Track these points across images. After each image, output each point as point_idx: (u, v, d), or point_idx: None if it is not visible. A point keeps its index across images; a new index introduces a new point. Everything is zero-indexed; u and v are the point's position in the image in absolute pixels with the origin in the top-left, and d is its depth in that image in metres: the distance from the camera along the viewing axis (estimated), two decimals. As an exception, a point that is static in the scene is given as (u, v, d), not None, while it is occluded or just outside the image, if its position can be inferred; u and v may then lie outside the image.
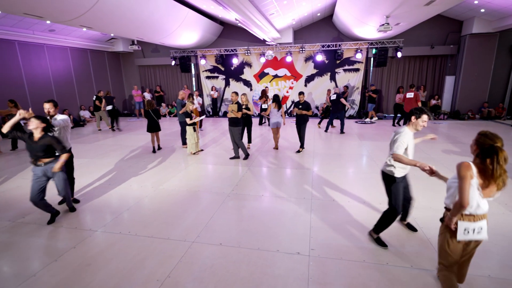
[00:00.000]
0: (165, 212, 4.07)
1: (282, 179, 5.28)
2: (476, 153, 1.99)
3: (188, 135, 6.83)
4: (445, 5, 7.14)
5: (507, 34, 10.68)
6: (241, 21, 7.61)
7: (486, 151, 1.90)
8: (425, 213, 3.83)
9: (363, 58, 11.86)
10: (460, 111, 11.43)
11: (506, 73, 11.20)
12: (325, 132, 9.40)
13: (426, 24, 10.72)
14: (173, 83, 14.52)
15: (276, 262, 2.94)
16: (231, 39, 13.15)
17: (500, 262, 2.86)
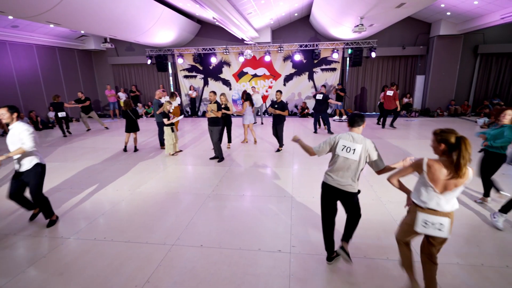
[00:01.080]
0: (143, 216, 3.95)
1: (263, 178, 5.30)
2: (444, 150, 2.05)
3: (166, 136, 6.67)
4: (414, 8, 7.49)
5: (470, 36, 11.42)
6: (219, 19, 7.54)
7: (456, 143, 1.97)
8: (399, 207, 3.99)
9: (339, 58, 12.17)
10: (430, 108, 12.05)
11: (470, 73, 11.96)
12: (314, 133, 9.09)
13: (397, 25, 11.20)
14: (150, 82, 14.10)
15: (258, 261, 2.94)
16: (209, 38, 12.99)
17: (466, 250, 3.04)
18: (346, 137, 2.56)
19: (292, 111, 13.12)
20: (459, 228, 3.41)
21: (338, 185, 2.59)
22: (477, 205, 4.03)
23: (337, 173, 2.61)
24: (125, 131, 7.13)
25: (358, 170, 2.56)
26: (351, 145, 2.51)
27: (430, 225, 2.08)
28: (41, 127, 10.70)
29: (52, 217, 3.76)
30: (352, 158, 2.51)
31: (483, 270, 2.72)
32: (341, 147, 2.55)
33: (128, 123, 7.08)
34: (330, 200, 2.72)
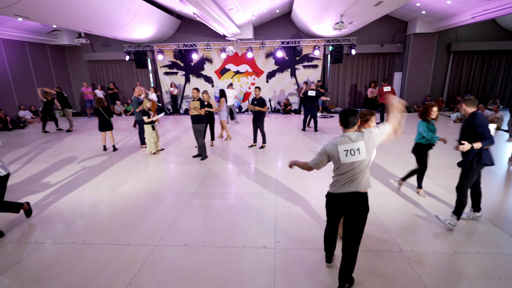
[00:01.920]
0: (124, 217, 3.83)
1: (247, 175, 5.29)
2: None
3: (146, 134, 6.50)
4: (392, 6, 7.69)
5: (444, 34, 11.92)
6: (200, 15, 7.39)
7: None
8: (379, 199, 4.12)
9: (320, 55, 12.33)
10: (408, 104, 12.50)
11: (444, 69, 12.51)
12: (302, 130, 9.01)
13: (376, 23, 11.49)
14: (128, 79, 13.66)
15: (243, 258, 2.94)
16: (189, 33, 12.75)
17: (440, 238, 3.19)
18: (344, 140, 2.24)
19: (275, 107, 13.18)
20: (435, 219, 3.57)
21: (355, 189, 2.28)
22: (449, 197, 4.23)
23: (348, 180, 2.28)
24: (99, 129, 6.88)
25: (369, 165, 2.33)
26: (353, 146, 2.22)
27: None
28: (11, 127, 10.10)
29: (23, 208, 3.67)
30: (360, 158, 2.22)
31: (457, 256, 2.87)
32: (343, 153, 2.23)
33: (101, 122, 6.82)
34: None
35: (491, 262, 2.77)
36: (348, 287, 2.49)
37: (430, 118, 3.98)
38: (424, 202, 4.03)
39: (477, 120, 2.99)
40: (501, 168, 5.32)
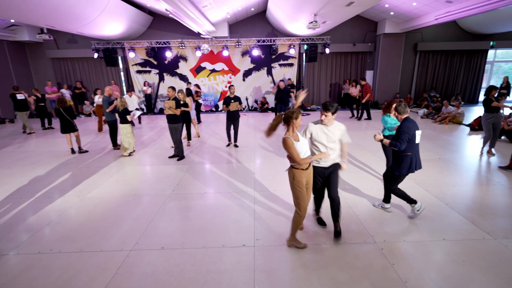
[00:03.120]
0: (96, 222, 3.65)
1: (225, 175, 5.25)
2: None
3: (126, 134, 6.21)
4: (363, 7, 7.98)
5: (411, 35, 12.57)
6: (172, 12, 7.20)
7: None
8: (354, 193, 4.27)
9: (296, 54, 12.51)
10: (379, 101, 13.04)
11: (411, 68, 13.20)
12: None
13: (348, 23, 11.86)
14: (98, 78, 13.01)
15: (222, 257, 2.91)
16: (162, 31, 12.38)
17: (409, 229, 3.36)
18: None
19: (252, 106, 13.20)
20: (403, 210, 3.76)
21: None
22: (419, 190, 4.48)
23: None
24: (61, 132, 6.50)
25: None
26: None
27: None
28: (-35, 130, 9.24)
29: None
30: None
31: (425, 244, 3.04)
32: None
33: (63, 123, 6.44)
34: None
35: (455, 248, 2.97)
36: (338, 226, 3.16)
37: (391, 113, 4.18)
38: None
39: (403, 124, 3.23)
40: (463, 160, 5.71)
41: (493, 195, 4.16)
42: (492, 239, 3.09)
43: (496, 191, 4.27)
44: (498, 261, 2.75)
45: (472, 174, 4.96)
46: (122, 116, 6.14)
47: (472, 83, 13.37)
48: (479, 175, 4.94)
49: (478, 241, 3.07)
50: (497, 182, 4.59)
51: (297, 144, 2.72)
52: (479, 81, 13.35)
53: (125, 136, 6.23)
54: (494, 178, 4.76)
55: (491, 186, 4.46)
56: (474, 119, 8.69)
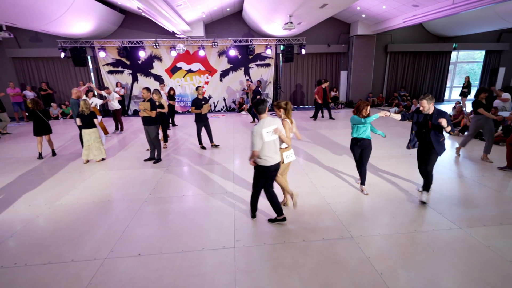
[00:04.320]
0: (66, 231, 3.45)
1: (204, 177, 5.17)
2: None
3: (96, 139, 5.87)
4: (336, 9, 8.21)
5: (382, 37, 13.13)
6: (145, 10, 6.98)
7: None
8: (332, 190, 4.38)
9: (273, 54, 12.61)
10: (353, 100, 13.49)
11: (382, 68, 13.78)
12: (251, 123, 10.11)
13: (323, 25, 12.16)
14: (65, 79, 12.30)
15: (202, 261, 2.86)
16: (135, 29, 11.96)
17: (385, 222, 3.51)
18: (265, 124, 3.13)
19: (230, 106, 13.13)
20: (380, 204, 3.92)
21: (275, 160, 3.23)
22: (391, 186, 4.68)
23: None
24: (34, 134, 6.12)
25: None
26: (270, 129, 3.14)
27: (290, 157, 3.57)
28: None
29: None
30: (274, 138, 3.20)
31: (399, 237, 3.18)
32: (266, 134, 3.10)
33: (38, 125, 6.09)
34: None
35: (425, 238, 3.13)
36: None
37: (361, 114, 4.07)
38: (370, 190, 4.38)
39: (446, 113, 3.66)
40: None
41: (459, 187, 4.45)
42: (458, 229, 3.30)
43: (461, 184, 4.57)
44: (463, 249, 2.94)
45: (439, 169, 5.26)
46: (88, 120, 5.75)
47: (438, 82, 14.22)
48: (446, 169, 5.26)
49: (446, 231, 3.27)
50: (462, 175, 4.91)
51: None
52: (444, 81, 14.23)
53: (94, 141, 5.87)
54: (460, 171, 5.09)
55: (458, 179, 4.77)
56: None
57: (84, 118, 5.73)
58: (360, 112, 3.99)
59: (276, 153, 3.23)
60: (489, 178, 4.71)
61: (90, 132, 5.82)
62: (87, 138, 5.81)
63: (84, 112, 5.71)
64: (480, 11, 10.13)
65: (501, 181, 4.60)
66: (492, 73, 14.13)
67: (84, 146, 5.87)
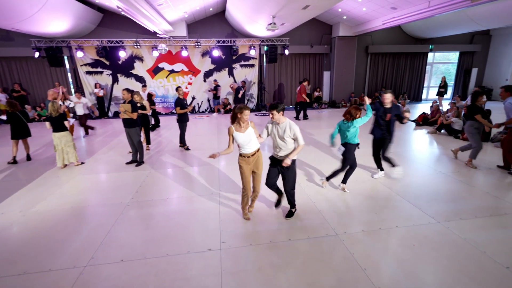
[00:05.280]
0: (43, 239, 3.29)
1: (188, 178, 5.10)
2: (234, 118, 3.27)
3: (67, 143, 5.61)
4: (318, 10, 8.33)
5: (362, 38, 13.46)
6: (125, 9, 6.79)
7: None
8: (317, 189, 4.43)
9: (256, 55, 12.63)
10: (336, 100, 13.75)
11: (364, 69, 14.14)
12: None
13: (306, 26, 12.32)
14: (40, 80, 11.78)
15: (188, 264, 2.82)
16: (115, 29, 11.63)
17: (367, 218, 3.59)
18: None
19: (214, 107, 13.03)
20: (363, 202, 4.01)
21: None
22: (373, 182, 4.80)
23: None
24: (12, 138, 5.83)
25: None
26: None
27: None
28: None
29: None
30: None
31: (381, 232, 3.27)
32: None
33: (17, 128, 5.81)
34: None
35: (406, 233, 3.23)
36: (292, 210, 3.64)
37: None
38: (354, 188, 4.47)
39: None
40: (410, 153, 6.27)
41: (437, 183, 4.63)
42: (436, 223, 3.43)
43: (439, 180, 4.75)
44: (442, 242, 3.06)
45: (418, 166, 5.45)
46: (58, 123, 5.46)
47: (416, 82, 14.76)
48: (424, 166, 5.45)
49: (425, 225, 3.39)
50: (439, 171, 5.11)
51: (238, 134, 3.26)
52: (421, 81, 14.79)
53: (65, 146, 5.58)
54: (437, 168, 5.30)
55: (435, 175, 4.96)
56: (418, 115, 9.60)
57: (52, 121, 5.42)
58: (354, 117, 4.01)
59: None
60: (464, 174, 4.93)
61: (60, 136, 5.51)
62: (57, 142, 5.50)
63: (51, 115, 5.40)
64: (453, 14, 10.64)
65: (476, 177, 4.83)
66: (466, 74, 14.84)
67: (56, 151, 5.57)
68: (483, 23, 10.77)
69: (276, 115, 3.21)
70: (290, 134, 3.22)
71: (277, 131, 3.30)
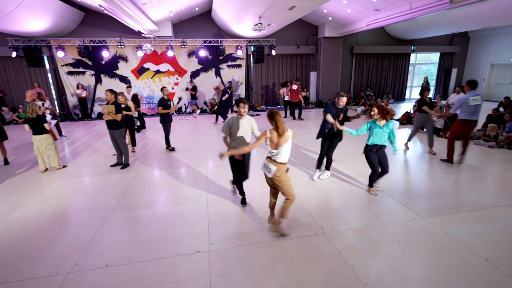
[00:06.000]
0: (23, 247, 3.16)
1: (176, 180, 5.02)
2: (270, 121, 3.03)
3: (47, 146, 5.41)
4: (304, 11, 8.41)
5: (348, 39, 13.70)
6: (107, 8, 6.62)
7: (271, 115, 3.01)
8: (304, 188, 4.47)
9: (243, 55, 12.61)
10: (323, 100, 13.92)
11: (349, 69, 14.38)
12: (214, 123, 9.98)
13: (292, 26, 12.40)
14: (18, 80, 11.29)
15: (176, 267, 2.77)
16: (97, 28, 11.32)
17: (355, 216, 3.65)
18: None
19: (202, 108, 12.92)
20: (350, 200, 4.07)
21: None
22: (359, 181, 4.89)
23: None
24: None
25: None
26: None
27: (265, 167, 3.09)
28: None
29: None
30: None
31: (367, 229, 3.33)
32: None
33: None
34: None
35: (391, 230, 3.31)
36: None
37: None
38: (341, 187, 4.54)
39: None
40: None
41: (419, 180, 4.76)
42: (420, 219, 3.53)
43: (422, 177, 4.90)
44: (425, 237, 3.15)
45: (402, 164, 5.60)
46: (37, 125, 5.23)
47: (399, 82, 15.15)
48: (407, 163, 5.60)
49: (409, 221, 3.48)
50: (422, 168, 5.27)
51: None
52: (405, 81, 15.19)
53: (46, 149, 5.36)
54: (420, 165, 5.46)
55: (418, 172, 5.10)
56: (402, 114, 9.85)
57: (31, 123, 5.20)
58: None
59: None
60: (445, 171, 5.10)
61: (40, 139, 5.29)
62: (37, 145, 5.29)
63: (28, 117, 5.16)
64: (434, 17, 11.00)
65: (457, 173, 5.01)
66: (446, 74, 15.36)
67: (37, 154, 5.35)
68: (461, 25, 11.19)
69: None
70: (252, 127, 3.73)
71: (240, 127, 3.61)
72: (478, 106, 5.01)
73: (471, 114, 5.07)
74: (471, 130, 5.26)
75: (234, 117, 3.63)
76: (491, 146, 6.45)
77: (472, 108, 5.03)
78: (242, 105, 3.51)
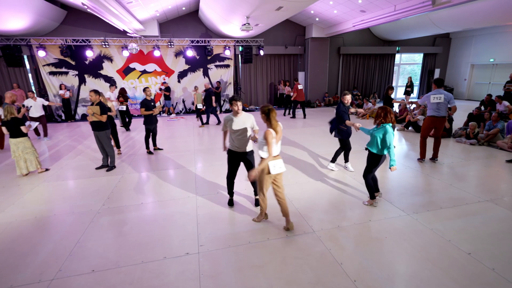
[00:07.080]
0: (3, 254, 3.03)
1: (164, 182, 4.95)
2: (265, 118, 3.09)
3: (25, 150, 5.18)
4: (291, 12, 8.46)
5: (334, 39, 13.88)
6: (91, 7, 6.45)
7: (267, 113, 3.05)
8: (293, 188, 4.49)
9: (231, 55, 12.57)
10: (311, 100, 14.05)
11: (336, 69, 14.58)
12: (200, 126, 9.78)
13: (280, 27, 12.46)
14: (-1, 81, 10.88)
15: (164, 270, 2.73)
16: (80, 27, 11.02)
17: (342, 215, 3.70)
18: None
19: (189, 108, 12.79)
20: (338, 198, 4.12)
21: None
22: (349, 179, 4.96)
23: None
24: None
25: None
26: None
27: (277, 167, 3.11)
28: None
29: None
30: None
31: (355, 227, 3.38)
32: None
33: None
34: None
35: (378, 227, 3.37)
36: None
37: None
38: (330, 186, 4.59)
39: None
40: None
41: (405, 177, 4.88)
42: (406, 215, 3.61)
43: (407, 174, 5.02)
44: (411, 233, 3.23)
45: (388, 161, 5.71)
46: (13, 128, 5.02)
47: (385, 82, 15.48)
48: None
49: (396, 218, 3.56)
50: (407, 166, 5.40)
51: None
52: (390, 81, 15.53)
53: (23, 152, 5.15)
54: (405, 163, 5.59)
55: (404, 170, 5.23)
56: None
57: (7, 125, 4.98)
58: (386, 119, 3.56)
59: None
60: (430, 168, 5.25)
61: (16, 142, 5.07)
62: (13, 148, 5.08)
63: (5, 119, 4.93)
64: (417, 18, 11.31)
65: (440, 171, 5.16)
66: (429, 74, 15.81)
67: (14, 158, 5.13)
68: (443, 27, 11.55)
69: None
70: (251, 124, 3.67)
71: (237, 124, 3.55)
72: (440, 103, 5.25)
73: (435, 110, 5.32)
74: (441, 126, 5.42)
75: (230, 115, 3.56)
76: (472, 144, 6.69)
77: (435, 105, 5.29)
78: (235, 102, 3.45)
